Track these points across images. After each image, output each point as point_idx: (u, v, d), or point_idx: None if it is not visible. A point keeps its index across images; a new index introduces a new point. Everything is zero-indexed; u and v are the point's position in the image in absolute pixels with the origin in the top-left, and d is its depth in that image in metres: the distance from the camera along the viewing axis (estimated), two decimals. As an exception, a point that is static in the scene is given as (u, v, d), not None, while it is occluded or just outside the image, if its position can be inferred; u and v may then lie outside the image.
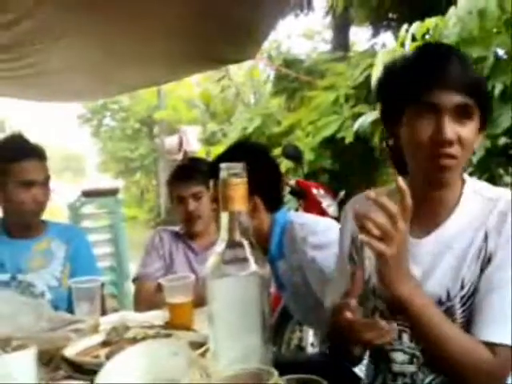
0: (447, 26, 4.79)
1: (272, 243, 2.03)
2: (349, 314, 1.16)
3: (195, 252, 2.61)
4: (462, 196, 1.32)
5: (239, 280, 1.00)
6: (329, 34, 11.79)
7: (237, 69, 10.66)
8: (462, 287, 1.26)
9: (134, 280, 2.57)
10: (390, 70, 1.33)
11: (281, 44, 9.60)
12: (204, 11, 2.78)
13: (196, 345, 1.38)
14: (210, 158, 3.70)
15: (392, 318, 1.32)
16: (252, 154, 1.98)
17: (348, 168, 6.46)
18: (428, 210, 1.29)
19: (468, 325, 1.25)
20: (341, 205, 3.60)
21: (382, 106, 1.36)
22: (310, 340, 3.29)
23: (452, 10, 4.82)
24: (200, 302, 1.60)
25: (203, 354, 1.31)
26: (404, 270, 1.17)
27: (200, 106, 12.29)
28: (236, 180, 1.01)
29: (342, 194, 3.68)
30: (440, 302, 1.27)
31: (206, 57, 3.56)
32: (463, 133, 1.22)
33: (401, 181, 1.13)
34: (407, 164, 1.32)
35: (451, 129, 1.21)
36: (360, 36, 12.53)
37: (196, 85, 13.68)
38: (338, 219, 3.56)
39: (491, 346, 1.19)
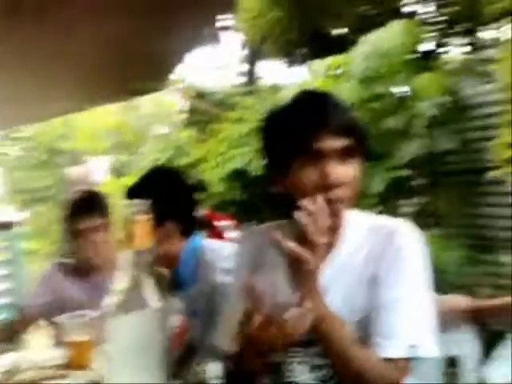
0: (353, 63, 4.99)
1: (184, 268, 2.04)
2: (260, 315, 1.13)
3: (93, 287, 2.52)
4: (347, 228, 1.37)
5: (140, 318, 0.98)
6: (240, 67, 11.98)
7: (148, 99, 10.60)
8: (355, 312, 1.32)
9: (18, 310, 2.45)
10: (271, 122, 1.36)
11: (192, 76, 9.65)
12: (117, 43, 2.76)
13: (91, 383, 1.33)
14: (118, 190, 3.61)
15: (291, 348, 1.35)
16: (167, 178, 2.06)
17: (257, 200, 6.51)
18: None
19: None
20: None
21: (267, 157, 1.38)
22: (216, 373, 3.24)
23: (358, 48, 5.03)
24: (101, 339, 1.55)
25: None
26: (318, 288, 1.21)
27: (110, 135, 12.10)
28: (140, 217, 1.00)
29: (249, 225, 3.69)
30: None
31: (117, 87, 3.53)
32: (349, 173, 1.27)
33: (298, 213, 1.17)
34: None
35: (337, 171, 1.25)
36: (272, 70, 12.80)
37: (107, 114, 13.49)
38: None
39: (390, 360, 1.26)
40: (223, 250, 2.03)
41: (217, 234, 3.45)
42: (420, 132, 4.67)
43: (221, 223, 3.53)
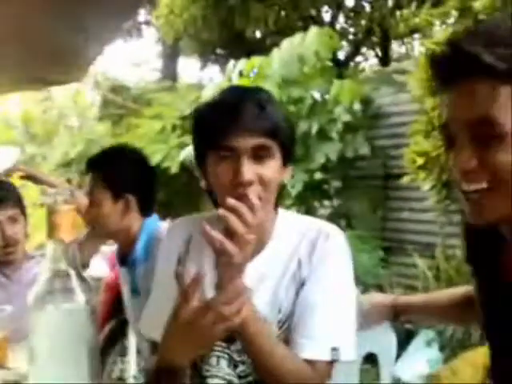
0: (271, 67, 5.06)
1: (137, 247, 2.03)
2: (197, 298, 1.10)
3: (11, 280, 2.43)
4: (276, 228, 1.38)
5: (64, 312, 0.95)
6: (157, 63, 11.86)
7: (61, 91, 10.27)
8: (279, 312, 1.33)
9: None
10: (195, 115, 1.37)
11: (108, 70, 9.46)
12: (27, 30, 2.66)
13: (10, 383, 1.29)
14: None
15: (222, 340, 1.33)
16: (129, 154, 2.07)
17: (174, 197, 6.48)
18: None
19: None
20: (166, 233, 3.58)
21: (194, 149, 1.40)
22: (133, 372, 3.21)
23: (275, 52, 5.12)
24: (19, 336, 1.49)
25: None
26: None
27: (19, 126, 11.63)
28: (64, 207, 0.96)
29: (166, 222, 3.67)
30: None
31: (26, 76, 3.40)
32: (264, 172, 1.26)
33: (221, 210, 1.15)
34: None
35: (250, 170, 1.25)
36: (188, 68, 12.74)
37: (15, 104, 12.94)
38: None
39: (311, 362, 1.27)
40: None
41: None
42: (334, 137, 4.82)
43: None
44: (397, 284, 3.65)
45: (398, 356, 1.77)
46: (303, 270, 1.33)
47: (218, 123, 1.27)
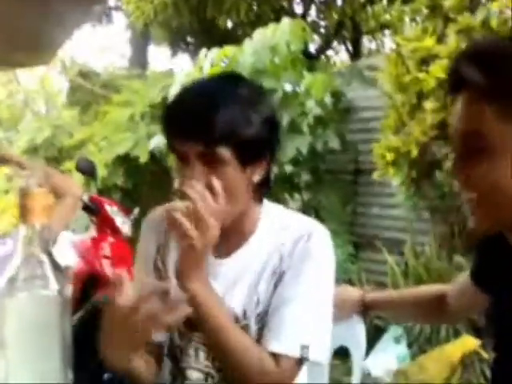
0: (243, 57, 5.04)
1: None
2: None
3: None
4: (259, 222, 1.37)
5: (36, 299, 0.93)
6: (127, 50, 11.71)
7: (27, 75, 10.08)
8: (258, 305, 1.32)
9: None
10: (163, 111, 1.33)
11: (76, 55, 9.31)
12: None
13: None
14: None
15: (189, 333, 1.34)
16: None
17: (141, 187, 6.42)
18: (227, 234, 1.30)
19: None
20: (134, 223, 3.55)
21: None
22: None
23: (247, 43, 5.09)
24: None
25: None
26: (202, 269, 1.21)
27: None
28: (37, 190, 0.93)
29: (135, 211, 3.64)
30: (236, 321, 1.31)
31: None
32: (215, 181, 1.22)
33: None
34: None
35: (197, 176, 1.21)
36: (158, 55, 12.62)
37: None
38: (131, 238, 3.54)
39: (276, 356, 1.25)
40: None
41: (106, 219, 3.39)
42: (305, 130, 4.82)
43: (108, 208, 3.47)
44: (366, 280, 3.68)
45: (367, 352, 1.78)
46: (283, 265, 1.32)
47: (169, 128, 1.27)
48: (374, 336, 1.41)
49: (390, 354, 2.27)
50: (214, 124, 1.20)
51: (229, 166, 1.24)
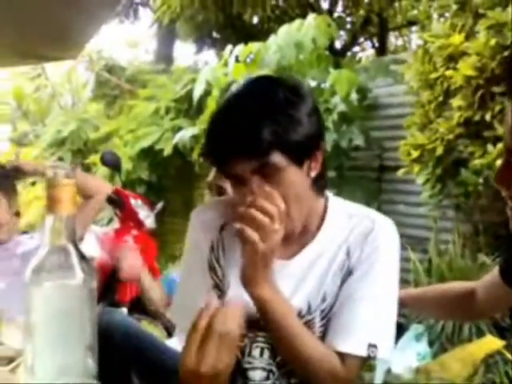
0: (268, 53, 5.03)
1: None
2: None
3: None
4: (326, 217, 1.35)
5: (62, 288, 0.93)
6: (153, 45, 11.76)
7: (54, 69, 10.18)
8: (324, 300, 1.30)
9: None
10: (206, 131, 1.30)
11: (103, 49, 9.38)
12: (20, 4, 2.61)
13: (5, 359, 1.28)
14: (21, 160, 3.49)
15: (252, 334, 1.32)
16: None
17: (165, 180, 6.46)
18: (293, 233, 1.30)
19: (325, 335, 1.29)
20: (158, 216, 3.57)
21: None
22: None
23: (272, 39, 5.08)
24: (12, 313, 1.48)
25: (14, 370, 1.22)
26: (268, 273, 1.20)
27: (11, 103, 11.52)
28: (65, 180, 0.94)
29: (159, 205, 3.66)
30: (300, 315, 1.29)
31: (19, 51, 3.34)
32: (277, 189, 1.21)
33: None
34: None
35: (259, 190, 1.19)
36: (183, 51, 12.65)
37: (7, 80, 12.80)
38: (154, 231, 3.57)
39: (343, 355, 1.24)
40: None
41: (130, 212, 3.42)
42: (330, 126, 4.79)
43: (132, 201, 3.49)
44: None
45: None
46: (352, 259, 1.31)
47: (217, 154, 1.26)
48: (395, 334, 1.40)
49: (411, 352, 2.26)
50: (261, 136, 1.18)
51: (286, 171, 1.22)
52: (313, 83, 5.02)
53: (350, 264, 1.31)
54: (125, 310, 3.09)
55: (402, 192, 4.85)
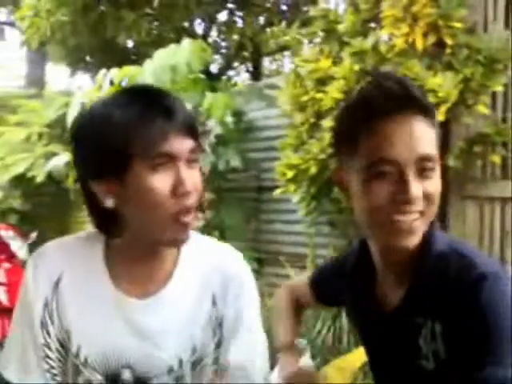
0: (143, 76, 5.02)
1: None
2: None
3: None
4: (182, 255, 1.21)
5: None
6: (23, 69, 11.33)
7: None
8: (194, 353, 1.20)
9: None
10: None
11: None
12: None
13: None
14: None
15: None
16: None
17: (40, 209, 6.21)
18: (146, 269, 1.19)
19: None
20: (32, 246, 3.43)
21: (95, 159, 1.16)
22: None
23: (148, 63, 5.08)
24: None
25: None
26: None
27: None
28: None
29: (33, 235, 3.52)
30: (170, 371, 1.19)
31: None
32: (197, 178, 1.12)
33: None
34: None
35: (189, 177, 1.09)
36: (56, 74, 12.27)
37: None
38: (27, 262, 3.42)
39: None
40: None
41: (1, 245, 3.26)
42: (206, 149, 4.85)
43: (3, 233, 3.34)
44: (269, 294, 3.72)
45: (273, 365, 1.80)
46: (219, 308, 1.20)
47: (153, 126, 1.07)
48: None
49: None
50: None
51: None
52: (189, 106, 5.06)
53: (218, 314, 1.20)
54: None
55: (279, 211, 4.99)
